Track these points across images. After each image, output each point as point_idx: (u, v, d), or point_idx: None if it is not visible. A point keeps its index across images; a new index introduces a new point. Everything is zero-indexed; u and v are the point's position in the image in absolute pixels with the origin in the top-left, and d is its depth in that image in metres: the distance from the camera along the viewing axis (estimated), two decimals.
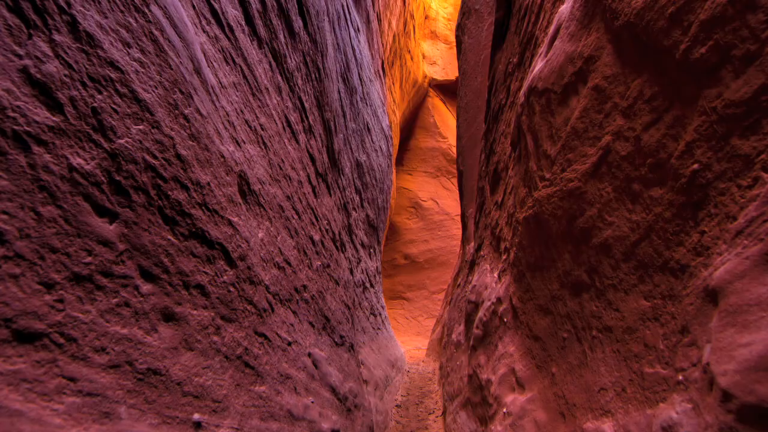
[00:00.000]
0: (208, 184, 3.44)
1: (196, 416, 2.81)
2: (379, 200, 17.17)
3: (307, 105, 7.93)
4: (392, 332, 17.55)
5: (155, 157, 2.78)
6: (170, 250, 2.86)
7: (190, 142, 3.25)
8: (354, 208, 12.60)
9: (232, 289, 3.64)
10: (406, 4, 25.86)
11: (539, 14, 6.25)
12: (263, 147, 5.25)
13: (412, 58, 28.96)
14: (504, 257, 7.45)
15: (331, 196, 9.34)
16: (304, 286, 5.97)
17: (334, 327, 7.40)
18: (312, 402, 5.10)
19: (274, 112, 6.02)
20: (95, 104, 2.39)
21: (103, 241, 2.39)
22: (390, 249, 31.31)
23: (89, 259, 2.28)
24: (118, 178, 2.51)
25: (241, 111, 4.69)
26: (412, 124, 33.72)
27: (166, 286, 2.79)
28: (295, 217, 6.13)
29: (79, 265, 2.21)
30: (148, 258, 2.65)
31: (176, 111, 3.11)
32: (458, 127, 17.00)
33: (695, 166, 2.48)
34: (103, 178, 2.42)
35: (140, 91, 2.74)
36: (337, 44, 11.48)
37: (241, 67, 4.89)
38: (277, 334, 4.51)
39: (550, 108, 4.57)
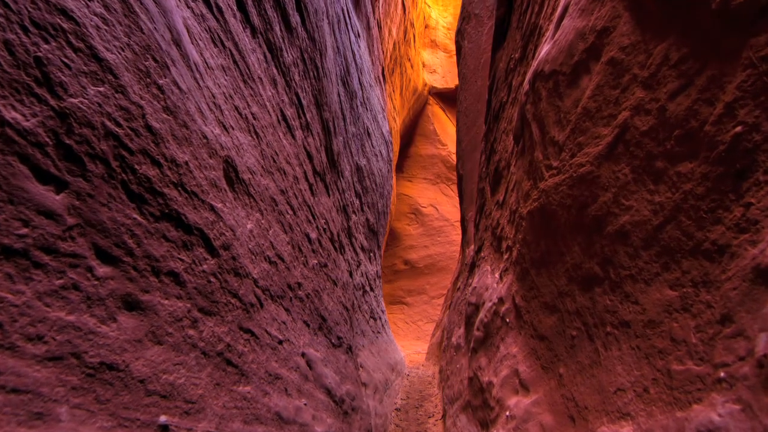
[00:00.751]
0: (187, 163, 3.05)
1: (163, 418, 2.41)
2: (379, 205, 16.79)
3: (304, 102, 7.57)
4: (392, 336, 17.14)
5: (119, 125, 2.40)
6: (136, 231, 2.47)
7: (165, 116, 2.86)
8: (354, 212, 12.24)
9: (213, 279, 3.24)
10: (407, 13, 25.58)
11: (543, 3, 5.87)
12: (255, 136, 4.87)
13: (412, 66, 28.67)
14: (506, 256, 7.05)
15: (329, 196, 8.97)
16: (299, 284, 5.58)
17: (331, 328, 7.00)
18: (305, 404, 4.70)
19: (268, 104, 5.65)
20: (39, 53, 2.00)
21: (45, 212, 2.00)
22: (390, 254, 30.99)
23: (25, 230, 1.89)
24: (68, 142, 2.12)
25: (230, 96, 4.32)
26: (412, 131, 33.44)
27: (130, 271, 2.40)
28: (290, 212, 5.75)
29: (9, 236, 1.82)
30: (107, 237, 2.26)
31: (148, 79, 2.73)
32: (458, 131, 16.64)
33: (738, 129, 2.09)
34: (47, 140, 2.03)
35: (101, 50, 2.36)
36: (337, 47, 11.16)
37: (231, 51, 4.52)
38: (266, 331, 4.11)
39: (557, 91, 4.18)
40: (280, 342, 4.44)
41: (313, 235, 6.97)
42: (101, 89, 2.29)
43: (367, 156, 14.68)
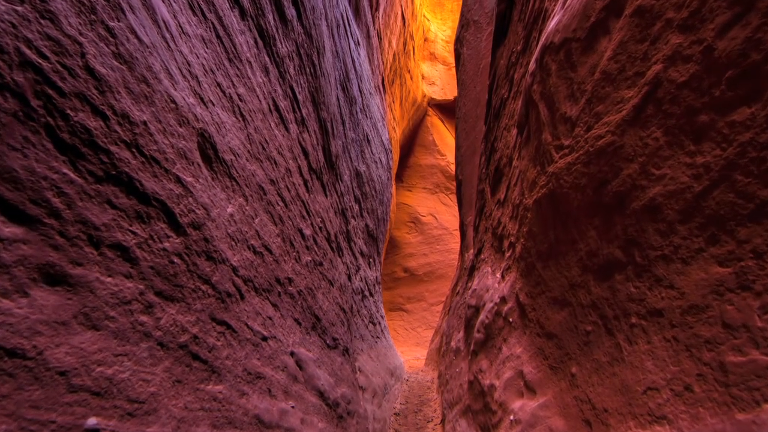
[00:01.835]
0: (145, 124, 2.51)
1: (93, 421, 1.85)
2: (378, 211, 16.25)
3: (300, 97, 7.07)
4: (392, 342, 16.53)
5: (44, 57, 1.87)
6: (67, 190, 1.93)
7: (116, 63, 2.33)
8: (353, 216, 11.71)
9: (177, 260, 2.70)
10: (406, 25, 25.19)
11: None
12: (240, 119, 4.35)
13: (411, 78, 28.25)
14: (508, 254, 6.51)
15: (327, 197, 8.44)
16: (289, 279, 5.03)
17: (326, 328, 6.43)
18: (292, 407, 4.13)
19: (258, 90, 5.14)
20: None
21: None
22: (390, 262, 30.50)
23: None
24: None
25: (211, 70, 3.80)
26: (411, 141, 33.04)
27: (54, 236, 1.86)
28: (281, 203, 5.21)
29: None
30: (20, 190, 1.72)
31: (92, 16, 2.20)
32: (457, 136, 16.14)
33: None
34: None
35: None
36: (336, 51, 10.70)
37: (213, 24, 4.01)
38: (246, 325, 3.56)
39: (570, 61, 3.66)
40: (265, 338, 3.88)
41: (308, 232, 6.43)
42: (18, 8, 1.77)
43: (366, 162, 14.18)
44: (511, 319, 5.83)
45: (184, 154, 2.95)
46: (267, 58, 5.69)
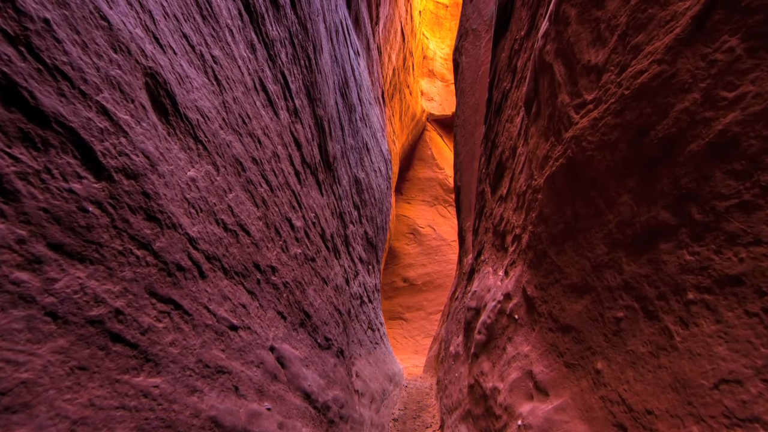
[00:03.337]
0: (47, 22, 1.77)
1: None
2: (378, 220, 15.51)
3: (293, 87, 6.37)
4: (391, 349, 15.69)
5: None
6: None
7: None
8: (351, 222, 11.00)
9: (95, 210, 1.93)
10: (406, 41, 24.62)
11: None
12: (215, 83, 3.63)
13: (410, 93, 27.65)
14: (512, 248, 5.76)
15: (322, 195, 7.71)
16: (273, 268, 4.27)
17: (317, 326, 5.65)
18: (268, 408, 3.34)
19: (240, 62, 4.45)
20: None
21: None
22: (390, 272, 29.85)
23: None
24: None
25: (174, 17, 3.08)
26: (410, 155, 32.48)
27: None
28: (265, 186, 4.48)
29: None
30: None
31: None
32: (456, 144, 15.44)
33: None
34: None
35: None
36: (335, 56, 10.09)
37: None
38: (207, 308, 2.79)
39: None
40: (234, 328, 3.11)
41: (298, 224, 5.68)
42: None
43: (366, 170, 13.49)
44: (516, 316, 5.05)
45: (118, 86, 2.21)
46: (254, 36, 5.01)
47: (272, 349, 3.81)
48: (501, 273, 6.47)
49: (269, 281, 4.13)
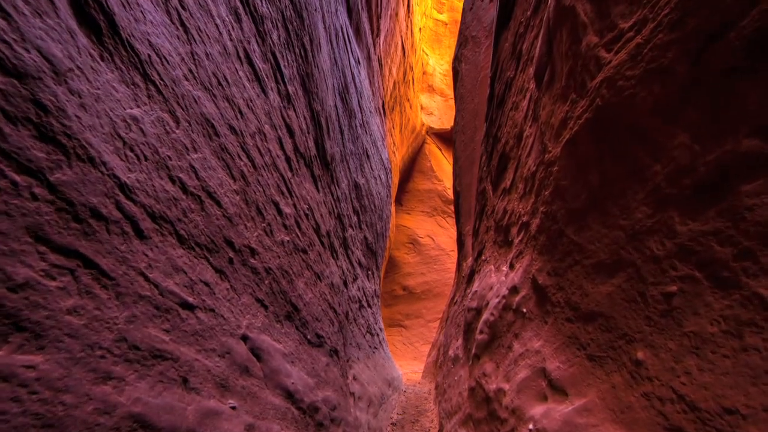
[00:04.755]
0: None
1: None
2: (378, 226, 14.82)
3: (286, 72, 5.73)
4: (390, 354, 14.93)
5: None
6: None
7: None
8: (351, 226, 10.36)
9: None
10: (406, 56, 24.09)
11: None
12: (181, 28, 2.97)
13: (410, 107, 27.12)
14: (518, 239, 5.06)
15: (318, 191, 7.04)
16: (252, 249, 3.57)
17: (307, 322, 4.93)
18: (232, 407, 2.61)
19: (219, 22, 3.80)
20: None
21: None
22: (390, 281, 29.30)
23: None
24: None
25: None
26: (410, 167, 32.01)
27: None
28: (245, 160, 3.80)
29: None
30: None
31: None
32: (455, 149, 14.81)
33: None
34: None
35: None
36: (335, 59, 9.52)
37: None
38: (145, 276, 2.09)
39: None
40: (188, 306, 2.40)
41: (287, 210, 4.99)
42: None
43: (366, 176, 12.85)
44: (525, 310, 4.34)
45: None
46: (239, 3, 4.36)
47: (245, 338, 3.09)
48: (505, 268, 5.76)
49: (246, 263, 3.42)
